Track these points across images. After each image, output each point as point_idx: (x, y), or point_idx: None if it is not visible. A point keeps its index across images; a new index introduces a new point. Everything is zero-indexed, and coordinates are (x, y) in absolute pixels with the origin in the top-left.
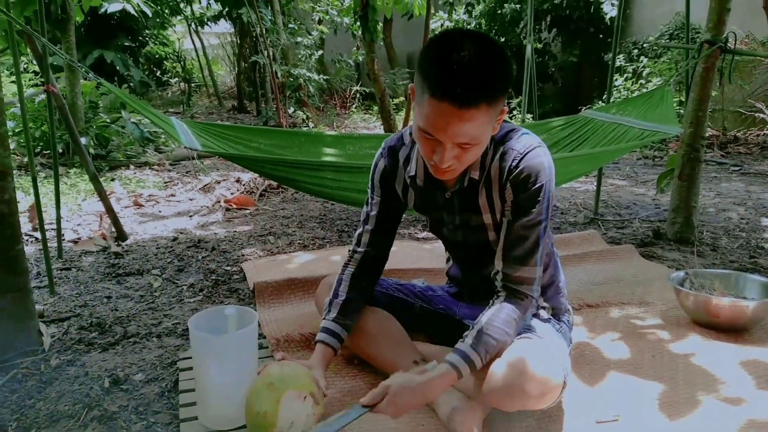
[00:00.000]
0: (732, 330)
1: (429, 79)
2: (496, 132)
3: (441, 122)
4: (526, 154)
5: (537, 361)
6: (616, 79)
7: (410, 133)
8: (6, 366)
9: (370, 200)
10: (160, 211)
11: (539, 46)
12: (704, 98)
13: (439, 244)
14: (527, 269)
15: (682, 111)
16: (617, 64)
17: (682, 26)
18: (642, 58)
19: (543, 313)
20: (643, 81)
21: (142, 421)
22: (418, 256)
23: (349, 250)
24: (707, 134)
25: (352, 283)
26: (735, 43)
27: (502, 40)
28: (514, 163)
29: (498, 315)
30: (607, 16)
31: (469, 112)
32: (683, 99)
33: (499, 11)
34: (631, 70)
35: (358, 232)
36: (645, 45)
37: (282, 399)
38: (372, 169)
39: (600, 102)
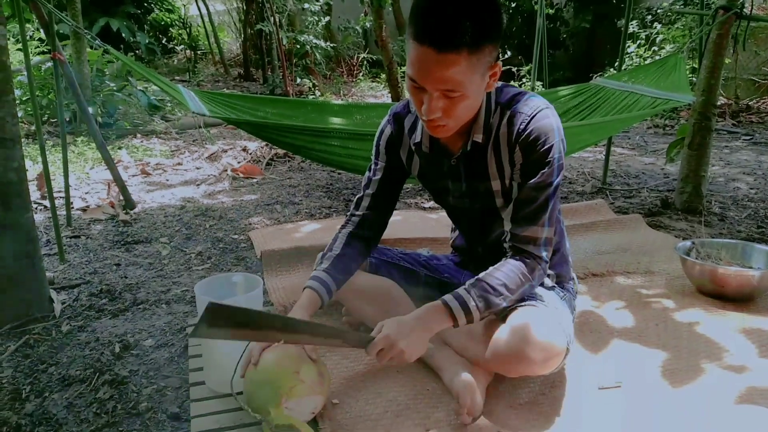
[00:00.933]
0: (737, 299)
1: (412, 24)
2: (491, 89)
3: (423, 67)
4: (534, 115)
5: (540, 328)
6: (629, 46)
7: None
8: (18, 332)
9: (373, 166)
10: (167, 180)
11: (551, 11)
12: (717, 66)
13: (445, 214)
14: (535, 228)
15: (694, 78)
16: (630, 30)
17: None
18: (656, 24)
19: (547, 281)
20: (656, 48)
21: (153, 385)
22: (424, 225)
23: (348, 214)
24: (719, 103)
25: (347, 240)
26: (751, 9)
27: (513, 5)
28: (522, 126)
29: (500, 268)
30: None
31: (449, 56)
32: (696, 66)
33: None
34: (644, 37)
35: (358, 196)
36: (659, 11)
37: (282, 404)
38: (377, 134)
39: (612, 69)
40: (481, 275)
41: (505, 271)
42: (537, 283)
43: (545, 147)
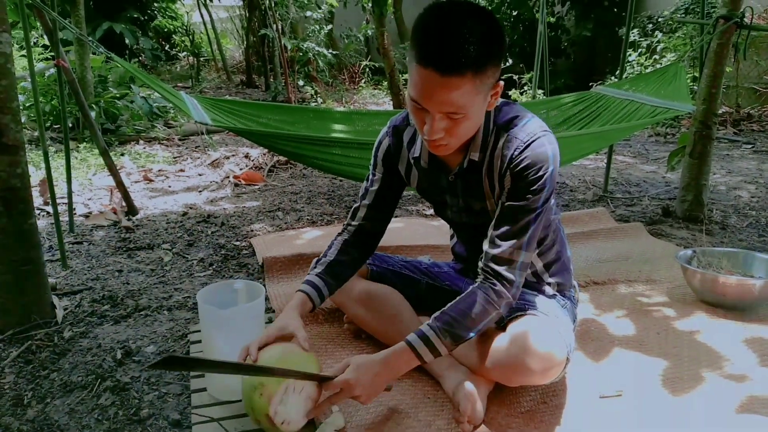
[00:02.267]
0: (738, 308)
1: (416, 46)
2: (491, 108)
3: (427, 90)
4: (529, 143)
5: (541, 337)
6: (630, 55)
7: None
8: (21, 338)
9: (370, 176)
10: (169, 186)
11: (552, 20)
12: (718, 74)
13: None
14: (510, 250)
15: (695, 87)
16: (631, 38)
17: (699, 0)
18: (657, 32)
19: (548, 289)
20: (657, 56)
21: (154, 391)
22: (425, 232)
23: (344, 223)
24: (720, 111)
25: (342, 248)
26: (752, 18)
27: (515, 13)
28: (516, 153)
29: (465, 298)
30: None
31: (453, 79)
32: (697, 75)
33: None
34: (645, 45)
35: (355, 206)
36: (660, 19)
37: (264, 397)
38: (375, 145)
39: (613, 78)
40: (446, 307)
41: (470, 302)
42: (504, 309)
43: (536, 176)
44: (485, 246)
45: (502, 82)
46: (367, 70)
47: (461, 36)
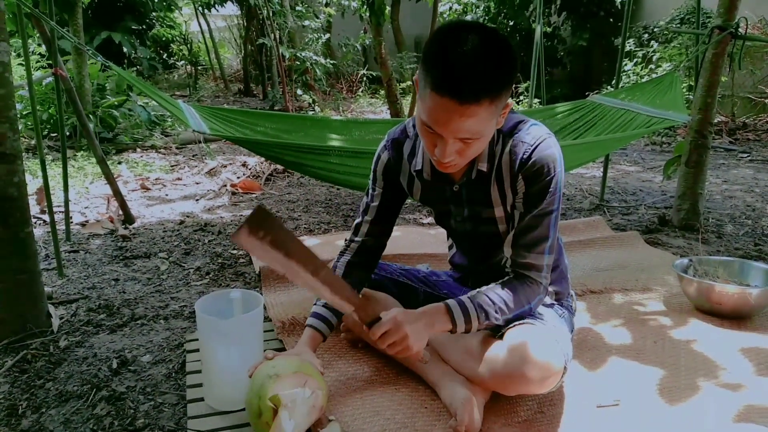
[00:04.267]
0: (734, 317)
1: (431, 73)
2: (501, 125)
3: (442, 117)
4: (537, 146)
5: (538, 346)
6: (626, 64)
7: (413, 125)
8: (16, 347)
9: (371, 191)
10: (166, 195)
11: (548, 29)
12: (713, 84)
13: (444, 230)
14: (535, 256)
15: (691, 96)
16: (627, 48)
17: (694, 10)
18: (652, 42)
19: (546, 298)
20: (653, 66)
21: (150, 401)
22: (423, 241)
23: (346, 240)
24: (716, 120)
25: (347, 270)
26: (746, 29)
27: (511, 23)
28: (525, 156)
29: (503, 285)
30: (618, 0)
31: (470, 108)
32: (693, 84)
33: None
34: (640, 55)
35: (356, 222)
36: (656, 29)
37: (277, 384)
38: (374, 160)
39: (609, 87)
40: (483, 289)
41: (508, 290)
42: (535, 307)
43: (548, 178)
44: (509, 252)
45: (511, 100)
46: (365, 79)
47: (478, 65)
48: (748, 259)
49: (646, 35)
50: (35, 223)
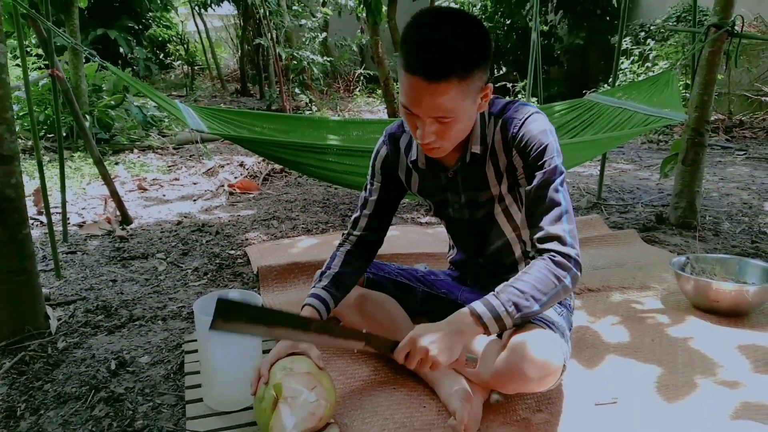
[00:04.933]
0: (732, 315)
1: (403, 54)
2: (483, 109)
3: (415, 96)
4: (525, 119)
5: (537, 345)
6: (623, 62)
7: None
8: (14, 348)
9: (369, 186)
10: (164, 195)
11: (545, 28)
12: (710, 82)
13: (442, 229)
14: (553, 226)
15: (688, 94)
16: (624, 47)
17: (690, 8)
18: (649, 41)
19: None
20: (649, 64)
21: (148, 402)
22: (421, 240)
23: (344, 233)
24: (712, 118)
25: (346, 259)
26: (743, 27)
27: (508, 22)
28: (515, 130)
29: (528, 270)
30: None
31: (439, 85)
32: (689, 82)
33: None
34: (637, 53)
35: (354, 216)
36: (652, 28)
37: (287, 377)
38: (373, 155)
39: (606, 85)
40: (510, 280)
41: (533, 272)
42: (571, 283)
43: (541, 146)
44: (527, 234)
45: (491, 85)
46: (362, 78)
47: (445, 43)
48: (745, 256)
49: (642, 33)
50: (32, 224)
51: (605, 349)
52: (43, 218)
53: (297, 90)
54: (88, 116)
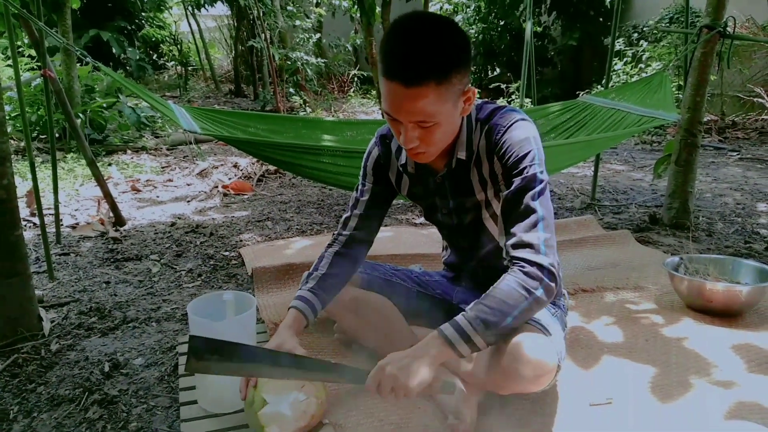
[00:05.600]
0: (725, 315)
1: (381, 62)
2: (467, 113)
3: (394, 101)
4: (509, 126)
5: (532, 345)
6: (616, 64)
7: None
8: (7, 351)
9: (360, 186)
10: (157, 197)
11: (539, 29)
12: (702, 83)
13: (436, 230)
14: (526, 234)
15: (680, 95)
16: (617, 48)
17: (683, 10)
18: (642, 42)
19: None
20: (642, 65)
21: (142, 404)
22: (415, 241)
23: (334, 233)
24: (705, 119)
25: (334, 260)
26: (734, 28)
27: (502, 23)
28: (498, 137)
29: (497, 285)
30: (608, 0)
31: (416, 90)
32: (682, 83)
33: None
34: (630, 55)
35: (345, 216)
36: (645, 29)
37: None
38: (365, 156)
39: (599, 86)
40: (480, 298)
41: (502, 287)
42: (544, 294)
43: (521, 153)
44: (502, 241)
45: (473, 88)
46: (356, 79)
47: (420, 47)
48: (739, 256)
49: (635, 35)
50: (25, 225)
51: (600, 350)
52: (36, 220)
53: (291, 91)
54: (81, 116)
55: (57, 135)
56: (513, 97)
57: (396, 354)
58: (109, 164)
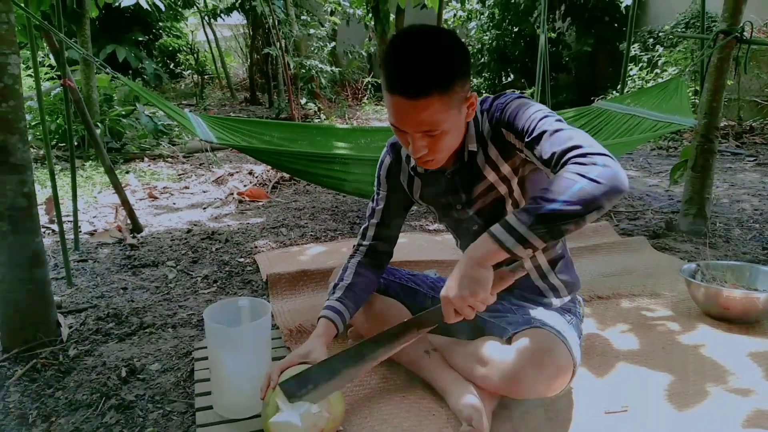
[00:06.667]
0: (743, 322)
1: (384, 76)
2: (470, 118)
3: (399, 114)
4: (507, 101)
5: (546, 348)
6: (631, 69)
7: None
8: (26, 356)
9: (376, 195)
10: (174, 204)
11: (553, 35)
12: (719, 88)
13: (450, 236)
14: (563, 141)
15: (697, 101)
16: (632, 53)
17: (699, 14)
18: (657, 47)
19: (555, 301)
20: (658, 71)
21: (159, 410)
22: (430, 247)
23: (354, 245)
24: (722, 124)
25: (357, 270)
26: (752, 33)
27: (516, 29)
28: (497, 114)
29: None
30: (623, 5)
31: (420, 102)
32: (698, 89)
33: (513, 0)
34: (646, 60)
35: (363, 226)
36: (660, 34)
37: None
38: (378, 165)
39: (615, 92)
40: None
41: (548, 182)
42: (600, 173)
43: (514, 104)
44: (547, 171)
45: (475, 94)
46: (370, 86)
47: (420, 61)
48: (756, 263)
49: (651, 40)
50: (44, 232)
51: (615, 357)
52: (55, 227)
53: (305, 99)
54: (100, 125)
55: (76, 143)
56: None
57: (450, 278)
58: (127, 172)
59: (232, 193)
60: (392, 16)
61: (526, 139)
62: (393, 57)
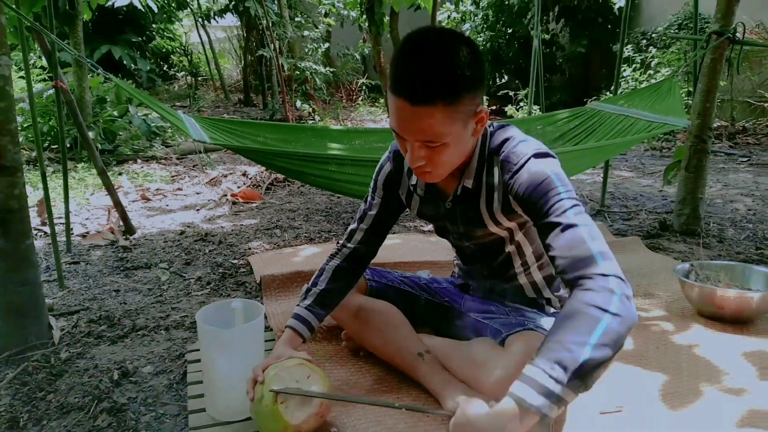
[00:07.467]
0: (736, 321)
1: (390, 76)
2: (478, 134)
3: (400, 119)
4: (522, 166)
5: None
6: (625, 70)
7: None
8: (17, 359)
9: (369, 199)
10: (167, 205)
11: (547, 36)
12: (712, 89)
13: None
14: (578, 250)
15: (690, 101)
16: (625, 54)
17: (692, 16)
18: (651, 48)
19: (548, 308)
20: (651, 71)
21: (151, 412)
22: (423, 248)
23: (338, 243)
24: (715, 125)
25: (335, 275)
26: (744, 33)
27: (510, 31)
28: (508, 178)
29: (560, 315)
30: (616, 6)
31: (424, 109)
32: (692, 89)
33: (507, 2)
34: (639, 61)
35: (351, 227)
36: (654, 35)
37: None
38: (377, 169)
39: (608, 93)
40: (546, 338)
41: (566, 314)
42: (619, 306)
43: (544, 189)
44: (555, 272)
45: (486, 108)
46: (364, 87)
47: (432, 66)
48: (750, 263)
49: (644, 41)
50: (36, 234)
51: None
52: (47, 229)
53: (299, 100)
54: (93, 126)
55: (68, 145)
56: (521, 104)
57: (473, 412)
58: (120, 174)
59: (226, 195)
60: (386, 18)
61: (537, 222)
62: (403, 56)
